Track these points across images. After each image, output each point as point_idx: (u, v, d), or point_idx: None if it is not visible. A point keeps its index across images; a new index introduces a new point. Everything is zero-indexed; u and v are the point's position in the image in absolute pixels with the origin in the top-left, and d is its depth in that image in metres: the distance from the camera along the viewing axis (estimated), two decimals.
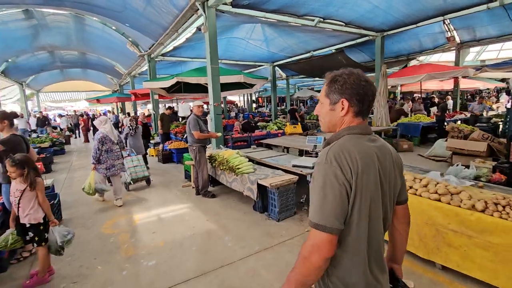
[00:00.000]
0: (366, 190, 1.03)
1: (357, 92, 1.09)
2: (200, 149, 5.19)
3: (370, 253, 1.08)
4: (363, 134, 1.12)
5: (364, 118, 1.14)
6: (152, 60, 10.76)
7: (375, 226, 1.08)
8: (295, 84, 25.57)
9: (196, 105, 5.34)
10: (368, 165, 1.04)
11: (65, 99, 23.42)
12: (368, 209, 1.04)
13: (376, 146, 1.12)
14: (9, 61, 12.56)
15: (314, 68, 12.46)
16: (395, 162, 1.18)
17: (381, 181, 1.09)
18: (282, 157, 5.24)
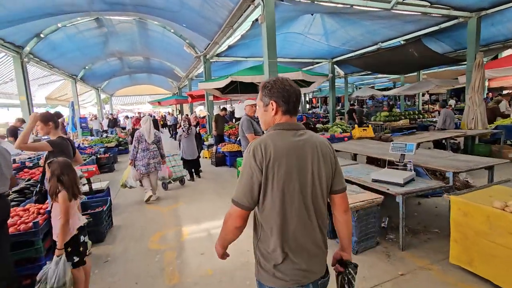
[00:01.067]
0: (278, 176, 1.22)
1: (283, 95, 1.29)
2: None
3: (286, 232, 1.26)
4: (288, 130, 1.31)
5: (292, 116, 1.34)
6: (207, 61, 10.56)
7: (290, 208, 1.25)
8: (353, 82, 23.54)
9: (248, 104, 4.66)
10: (281, 156, 1.22)
11: (132, 102, 25.55)
12: (280, 192, 1.23)
13: (299, 139, 1.29)
14: (86, 68, 13.75)
15: (381, 62, 10.85)
16: (321, 153, 1.30)
17: (300, 170, 1.25)
18: (354, 167, 4.22)
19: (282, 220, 1.25)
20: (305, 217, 1.28)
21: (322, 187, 1.30)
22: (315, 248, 1.31)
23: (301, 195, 1.26)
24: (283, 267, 1.26)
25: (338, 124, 9.02)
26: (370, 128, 5.87)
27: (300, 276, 1.27)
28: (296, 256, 1.26)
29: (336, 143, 5.64)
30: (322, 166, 1.29)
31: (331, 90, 12.34)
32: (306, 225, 1.28)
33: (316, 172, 1.28)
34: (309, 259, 1.29)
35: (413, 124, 10.47)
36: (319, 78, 8.31)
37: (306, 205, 1.27)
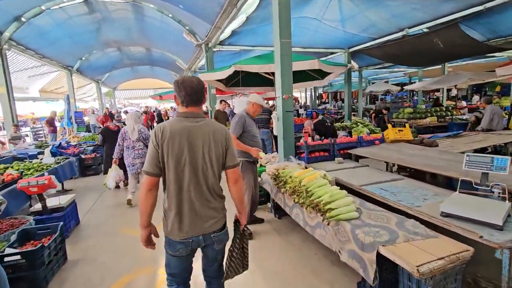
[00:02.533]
0: (172, 151, 1.59)
1: (178, 89, 1.67)
2: (244, 166, 3.40)
3: (180, 193, 1.63)
4: (185, 117, 1.67)
5: (188, 106, 1.68)
6: (209, 50, 9.35)
7: (183, 175, 1.62)
8: (366, 77, 21.99)
9: (251, 100, 3.54)
10: (174, 135, 1.60)
11: (136, 96, 24.59)
12: (175, 162, 1.60)
13: (194, 125, 1.65)
14: (83, 59, 12.71)
15: (405, 52, 9.46)
16: (212, 137, 1.67)
17: (191, 147, 1.62)
18: (400, 185, 2.99)
19: (177, 184, 1.63)
20: (196, 183, 1.65)
21: (212, 163, 1.68)
22: (205, 209, 1.68)
23: (191, 165, 1.63)
24: (177, 221, 1.64)
25: (358, 122, 7.74)
26: (408, 129, 4.60)
27: (191, 229, 1.65)
28: (187, 214, 1.65)
29: (365, 147, 4.39)
30: (213, 146, 1.67)
31: (346, 84, 10.99)
32: (197, 189, 1.65)
33: (207, 151, 1.66)
34: (199, 217, 1.66)
35: (442, 122, 9.09)
36: (337, 69, 7.00)
37: (196, 174, 1.64)
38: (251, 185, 3.54)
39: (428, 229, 2.10)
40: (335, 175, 3.49)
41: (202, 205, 1.66)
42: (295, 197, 2.89)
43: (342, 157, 4.31)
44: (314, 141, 4.77)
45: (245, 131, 3.44)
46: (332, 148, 4.28)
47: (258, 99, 3.53)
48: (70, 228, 3.61)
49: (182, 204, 1.63)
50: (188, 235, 1.64)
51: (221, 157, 1.72)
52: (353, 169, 3.78)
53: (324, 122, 6.62)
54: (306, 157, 4.16)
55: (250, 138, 3.45)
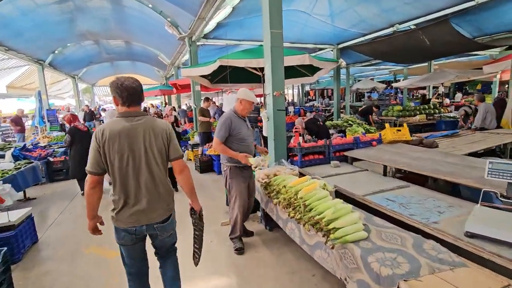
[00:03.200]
0: (113, 150, 1.68)
1: (116, 91, 1.71)
2: (233, 172, 2.99)
3: (125, 187, 1.75)
4: (124, 117, 1.74)
5: (130, 106, 1.75)
6: (193, 44, 8.77)
7: (127, 170, 1.73)
8: (352, 74, 21.93)
9: (240, 97, 3.05)
10: (114, 136, 1.68)
11: None
12: (118, 160, 1.70)
13: (133, 123, 1.73)
14: (56, 53, 11.74)
15: (394, 49, 9.27)
16: (153, 133, 1.77)
17: (131, 144, 1.72)
18: (408, 194, 2.64)
19: (122, 180, 1.74)
20: (140, 176, 1.76)
21: (155, 157, 1.79)
22: (150, 201, 1.79)
23: (134, 162, 1.74)
24: (122, 212, 1.77)
25: (350, 120, 7.45)
26: (406, 129, 4.29)
27: (133, 219, 1.78)
28: (132, 205, 1.77)
29: (362, 148, 4.04)
30: (154, 142, 1.78)
31: (335, 81, 10.71)
32: (141, 183, 1.77)
33: (148, 146, 1.76)
34: (143, 209, 1.78)
35: (431, 120, 8.98)
36: (328, 64, 6.64)
37: (139, 169, 1.76)
38: (242, 193, 3.08)
39: (452, 254, 1.74)
40: (332, 181, 3.11)
41: (146, 197, 1.79)
42: (290, 210, 2.47)
43: (337, 159, 3.95)
44: (307, 143, 4.39)
45: (232, 134, 2.98)
46: (327, 150, 3.90)
47: (248, 95, 3.03)
48: (24, 249, 3.04)
49: (127, 196, 1.77)
50: (131, 224, 1.79)
51: (164, 151, 1.84)
52: (352, 174, 3.41)
53: (316, 120, 6.25)
54: (300, 161, 3.76)
55: (238, 141, 3.00)
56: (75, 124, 5.04)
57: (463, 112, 8.11)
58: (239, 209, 3.09)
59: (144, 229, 1.82)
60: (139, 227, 1.80)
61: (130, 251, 1.88)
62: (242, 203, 3.08)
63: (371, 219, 2.28)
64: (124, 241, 1.83)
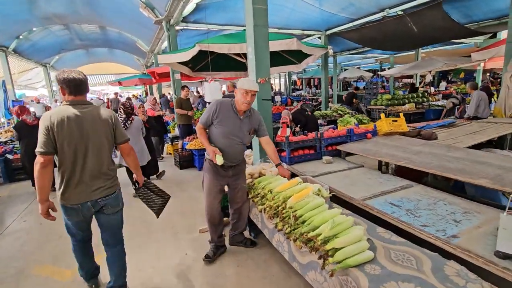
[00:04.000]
0: (62, 134, 1.83)
1: (64, 82, 1.88)
2: (206, 166, 2.57)
3: (72, 168, 1.89)
4: (72, 105, 1.90)
5: (76, 95, 1.92)
6: (171, 28, 8.03)
7: (75, 153, 1.89)
8: (339, 63, 21.59)
9: (238, 87, 2.51)
10: (63, 121, 1.83)
11: (96, 82, 22.06)
12: (66, 144, 1.85)
13: (80, 111, 1.90)
14: (21, 38, 10.62)
15: (384, 36, 8.91)
16: (99, 120, 1.95)
17: (78, 130, 1.87)
18: (413, 195, 2.26)
19: (69, 161, 1.88)
20: (86, 158, 1.91)
21: (101, 141, 1.97)
22: (94, 179, 1.96)
23: (81, 144, 1.89)
24: (68, 191, 1.91)
25: (339, 110, 7.05)
26: (403, 119, 3.91)
27: (79, 197, 1.93)
28: (77, 184, 1.91)
29: (356, 141, 3.64)
30: (100, 127, 1.95)
31: (323, 69, 10.26)
32: (86, 163, 1.92)
33: (95, 130, 1.93)
34: (88, 187, 1.94)
35: (420, 109, 8.75)
36: (317, 51, 6.13)
37: (87, 150, 1.91)
38: (212, 195, 2.57)
39: (486, 283, 1.35)
40: (326, 180, 2.69)
41: (91, 176, 1.94)
42: (278, 222, 2.03)
43: (329, 154, 3.53)
44: (295, 136, 3.94)
45: (214, 123, 2.47)
46: (318, 144, 3.47)
47: (242, 82, 2.40)
48: None
49: (73, 176, 1.90)
50: (77, 201, 1.93)
51: (110, 136, 2.02)
52: (347, 171, 3.00)
53: (304, 111, 5.80)
54: (288, 157, 3.32)
55: (222, 135, 2.45)
56: (23, 118, 4.36)
57: (451, 105, 7.90)
58: (206, 214, 2.64)
59: (90, 205, 1.97)
60: (85, 204, 1.95)
61: (77, 224, 2.07)
62: (209, 209, 2.61)
63: (375, 231, 1.87)
64: (71, 217, 2.00)
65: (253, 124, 2.56)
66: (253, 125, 2.55)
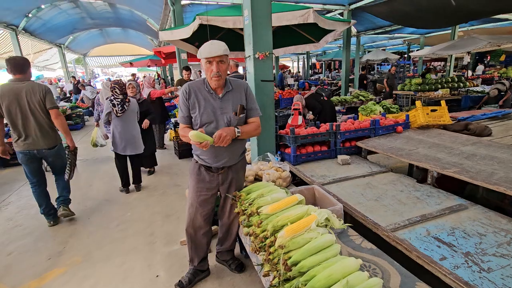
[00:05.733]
0: (5, 104, 2.59)
1: (7, 64, 2.62)
2: (193, 167, 1.94)
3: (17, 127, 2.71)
4: (12, 81, 2.64)
5: (15, 74, 2.65)
6: (177, 2, 7.26)
7: (17, 116, 2.67)
8: (362, 44, 19.87)
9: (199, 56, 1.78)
10: (4, 94, 2.58)
11: (110, 64, 21.81)
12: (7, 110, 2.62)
13: (19, 85, 2.64)
14: (30, 16, 10.25)
15: (419, 9, 7.63)
16: (32, 91, 2.67)
17: (18, 99, 2.62)
18: (471, 224, 1.48)
19: (14, 123, 2.66)
20: (26, 120, 2.68)
21: (36, 107, 2.69)
22: (37, 135, 2.73)
23: (21, 111, 2.65)
24: (18, 142, 2.70)
25: (360, 95, 6.10)
26: (445, 107, 3.01)
27: (26, 147, 2.70)
28: (24, 139, 2.69)
29: (383, 136, 2.83)
30: (33, 97, 2.66)
31: (345, 50, 9.13)
32: (28, 124, 2.69)
33: (30, 99, 2.66)
34: (33, 140, 2.71)
35: (455, 95, 7.56)
36: (339, 25, 5.12)
37: (26, 114, 2.67)
38: (193, 207, 1.95)
39: None
40: (339, 190, 1.97)
41: (33, 134, 2.72)
42: (263, 262, 1.35)
43: (347, 152, 2.76)
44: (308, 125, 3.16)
45: (192, 114, 1.81)
46: (333, 139, 2.70)
47: (203, 51, 1.71)
48: None
49: (20, 134, 2.69)
50: (25, 149, 2.71)
51: (41, 103, 2.72)
52: (369, 177, 2.24)
53: (319, 96, 4.96)
54: (293, 155, 2.58)
55: (201, 124, 1.79)
56: None
57: (496, 92, 6.68)
58: (186, 228, 2.02)
59: (35, 153, 2.77)
60: (32, 151, 2.74)
61: (29, 167, 2.82)
62: (190, 223, 1.98)
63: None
64: (22, 160, 2.77)
65: (238, 99, 1.84)
66: (238, 101, 1.84)
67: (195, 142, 1.64)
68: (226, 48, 1.76)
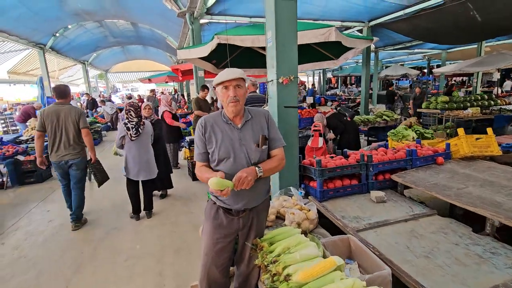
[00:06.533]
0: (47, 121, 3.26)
1: (54, 91, 3.45)
2: (208, 210, 1.68)
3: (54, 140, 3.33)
4: (56, 104, 3.34)
5: (59, 99, 3.36)
6: (195, 21, 7.28)
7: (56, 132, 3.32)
8: (380, 60, 19.49)
9: (214, 82, 1.57)
10: (49, 113, 3.26)
11: (130, 79, 22.55)
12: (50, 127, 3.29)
13: (60, 107, 3.29)
14: (57, 35, 10.74)
15: (443, 25, 7.31)
16: (70, 112, 3.31)
17: (57, 119, 3.27)
18: None
19: (52, 137, 3.26)
20: (62, 136, 3.28)
21: (70, 126, 3.28)
22: (66, 149, 3.30)
23: (58, 127, 3.26)
24: (52, 154, 3.29)
25: (384, 114, 5.74)
26: (492, 136, 2.64)
27: (58, 158, 3.29)
28: (56, 150, 3.28)
29: (421, 168, 2.49)
30: (69, 117, 3.28)
31: (364, 66, 8.85)
32: (61, 139, 3.27)
33: (67, 119, 3.27)
34: (62, 153, 3.28)
35: (487, 114, 7.02)
36: (360, 43, 4.86)
37: (62, 131, 3.27)
38: (209, 256, 1.68)
39: None
40: (379, 240, 1.64)
41: (65, 146, 3.30)
42: None
43: (380, 186, 2.43)
44: (330, 150, 2.86)
45: (209, 149, 1.59)
46: (365, 171, 2.39)
47: (219, 76, 1.54)
48: None
49: (54, 145, 3.28)
50: (57, 160, 3.29)
51: (76, 123, 3.33)
52: (412, 222, 1.90)
53: (342, 115, 4.67)
54: (319, 190, 2.29)
55: (218, 159, 1.56)
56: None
57: None
58: (200, 277, 1.74)
59: (63, 163, 3.33)
60: (62, 162, 3.32)
61: (60, 174, 3.42)
62: (204, 273, 1.71)
63: None
64: (55, 168, 3.38)
65: (259, 128, 1.60)
66: (259, 131, 1.60)
67: (215, 190, 1.40)
68: (243, 73, 1.56)
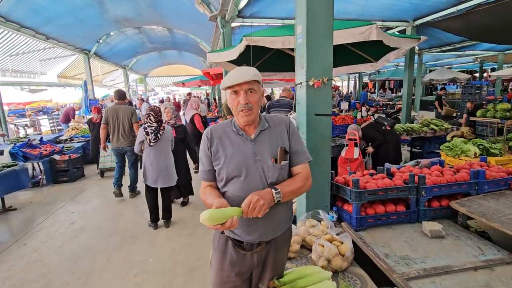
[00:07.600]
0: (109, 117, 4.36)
1: (114, 94, 4.84)
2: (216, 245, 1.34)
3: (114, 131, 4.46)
4: (116, 104, 4.53)
5: (119, 100, 4.55)
6: (227, 24, 7.17)
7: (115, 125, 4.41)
8: (424, 63, 17.96)
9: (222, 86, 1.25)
10: (111, 111, 4.34)
11: (168, 83, 23.51)
12: (111, 121, 4.38)
13: (119, 107, 4.38)
14: (100, 42, 11.43)
15: (507, 21, 6.33)
16: (125, 111, 4.35)
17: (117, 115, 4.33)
18: None
19: (112, 129, 4.32)
20: (119, 128, 4.29)
21: (125, 120, 4.28)
22: (122, 138, 4.34)
23: (118, 121, 4.28)
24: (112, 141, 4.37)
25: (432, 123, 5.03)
26: None
27: (116, 145, 4.36)
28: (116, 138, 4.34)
29: (491, 194, 1.95)
30: (125, 115, 4.28)
31: (407, 70, 8.03)
32: (120, 131, 4.30)
33: (124, 116, 4.28)
34: (120, 141, 4.34)
35: None
36: (405, 43, 4.27)
37: (119, 125, 4.29)
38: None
39: None
40: None
41: (122, 136, 4.24)
42: None
43: (435, 215, 1.94)
44: (370, 174, 2.41)
45: (215, 165, 1.28)
46: (414, 195, 1.92)
47: (227, 79, 1.20)
48: None
49: (114, 134, 4.24)
50: (115, 146, 4.28)
51: (129, 118, 4.28)
52: (486, 272, 1.41)
53: (380, 125, 4.13)
54: (356, 216, 1.87)
55: (226, 178, 1.25)
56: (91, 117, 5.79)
57: None
58: None
59: (120, 149, 4.32)
60: (120, 148, 4.30)
61: (117, 157, 4.42)
62: None
63: None
64: (114, 153, 4.41)
65: (277, 139, 1.27)
66: (278, 142, 1.26)
67: (213, 227, 1.08)
68: (257, 74, 1.21)
